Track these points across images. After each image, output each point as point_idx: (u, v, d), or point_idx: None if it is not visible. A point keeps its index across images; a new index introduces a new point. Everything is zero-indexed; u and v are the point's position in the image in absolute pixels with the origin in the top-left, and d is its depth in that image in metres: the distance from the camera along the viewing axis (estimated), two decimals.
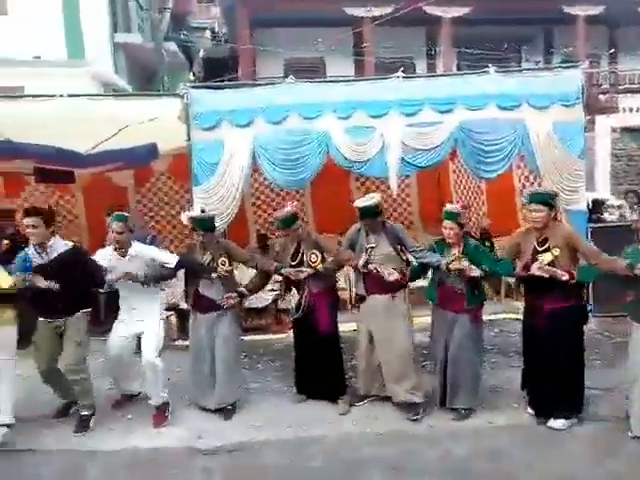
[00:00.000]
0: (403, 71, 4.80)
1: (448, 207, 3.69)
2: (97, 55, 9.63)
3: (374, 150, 4.52)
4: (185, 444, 3.38)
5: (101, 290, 4.17)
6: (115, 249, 3.74)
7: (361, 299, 3.78)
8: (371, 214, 3.62)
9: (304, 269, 3.79)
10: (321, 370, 3.78)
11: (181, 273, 3.98)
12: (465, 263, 3.47)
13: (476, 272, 3.46)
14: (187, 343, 3.99)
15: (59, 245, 3.54)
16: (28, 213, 3.53)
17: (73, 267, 3.49)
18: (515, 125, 4.58)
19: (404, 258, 3.75)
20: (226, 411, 3.75)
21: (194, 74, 11.16)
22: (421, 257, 3.69)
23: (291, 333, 5.27)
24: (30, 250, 3.51)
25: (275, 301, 5.68)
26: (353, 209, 3.77)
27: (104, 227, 6.04)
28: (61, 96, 4.74)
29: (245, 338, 5.01)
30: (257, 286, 4.10)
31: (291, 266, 3.84)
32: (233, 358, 3.85)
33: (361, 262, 3.63)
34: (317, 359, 3.78)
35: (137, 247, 3.78)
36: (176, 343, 3.96)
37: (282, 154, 4.59)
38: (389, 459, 3.13)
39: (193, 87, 4.68)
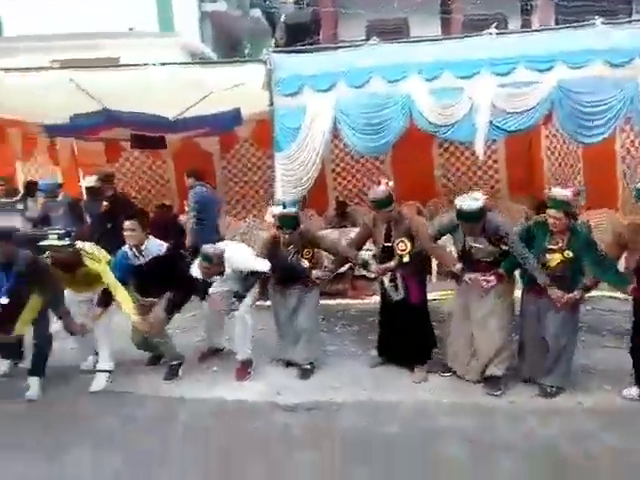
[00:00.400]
0: (496, 27, 4.48)
1: (556, 193, 3.26)
2: (185, 25, 9.94)
3: (461, 113, 4.31)
4: (266, 399, 3.55)
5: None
6: (131, 248, 3.79)
7: (458, 275, 3.63)
8: (474, 219, 3.36)
9: (389, 265, 3.71)
10: (405, 337, 3.75)
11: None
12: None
13: (576, 295, 3.28)
14: (268, 303, 4.14)
15: (153, 247, 3.80)
16: (128, 217, 3.82)
17: (166, 268, 3.77)
18: (623, 83, 4.13)
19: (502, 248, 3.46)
20: (305, 370, 3.88)
21: (276, 40, 11.17)
22: (520, 255, 3.35)
23: (367, 299, 5.38)
24: (128, 250, 3.79)
25: (352, 267, 5.70)
26: (433, 176, 3.63)
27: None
28: (153, 65, 4.94)
29: (323, 302, 5.12)
30: (338, 266, 4.22)
31: (383, 246, 3.78)
32: (313, 320, 3.97)
33: (458, 267, 3.52)
34: (402, 325, 3.75)
35: (232, 260, 3.76)
36: (258, 303, 4.13)
37: (363, 118, 4.50)
38: (466, 431, 3.08)
39: (275, 52, 4.68)
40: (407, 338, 3.75)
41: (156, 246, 3.82)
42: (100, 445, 3.04)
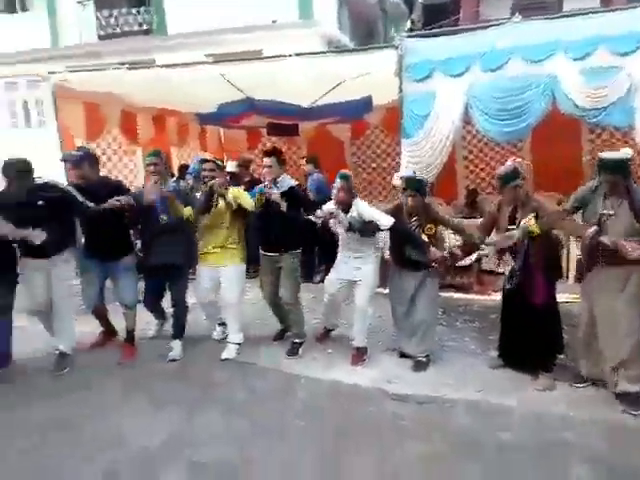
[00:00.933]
0: None
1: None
2: (324, 14, 10.16)
3: (616, 94, 3.81)
4: (378, 386, 3.58)
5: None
6: (338, 207, 3.82)
7: (586, 270, 3.31)
8: (620, 170, 3.06)
9: (512, 233, 3.42)
10: (529, 340, 3.47)
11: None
12: None
13: None
14: (386, 291, 4.14)
15: (287, 182, 4.02)
16: (267, 153, 4.08)
17: (295, 202, 3.96)
18: None
19: None
20: (419, 362, 3.83)
21: (413, 22, 10.87)
22: None
23: (493, 295, 5.09)
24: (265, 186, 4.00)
25: (479, 260, 5.43)
26: (581, 164, 3.26)
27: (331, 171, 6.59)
28: (289, 56, 5.17)
29: (445, 295, 4.98)
30: (465, 253, 3.93)
31: (507, 229, 3.51)
32: (432, 311, 3.89)
33: (590, 232, 3.11)
34: (527, 328, 3.47)
35: (360, 205, 3.86)
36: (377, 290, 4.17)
37: (498, 104, 4.22)
38: (594, 451, 2.78)
39: (408, 37, 4.58)
40: (530, 341, 3.46)
41: (289, 181, 4.05)
42: (226, 411, 3.33)
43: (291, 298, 4.08)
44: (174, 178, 7.21)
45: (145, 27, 11.03)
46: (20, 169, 3.69)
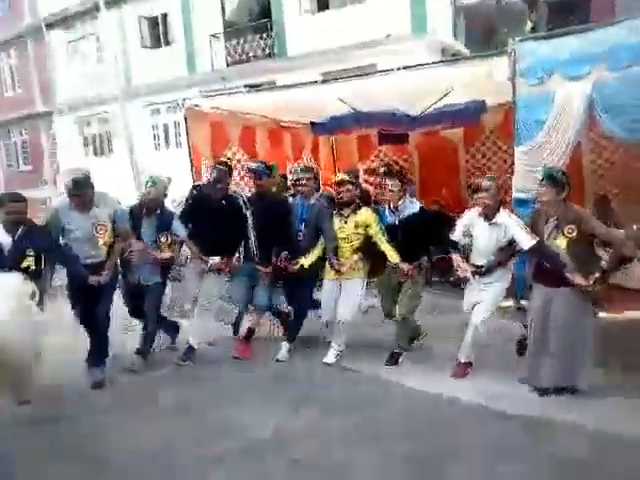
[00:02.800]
0: None
1: None
2: (438, 23, 10.07)
3: None
4: (478, 401, 3.43)
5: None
6: (481, 214, 3.67)
7: None
8: None
9: None
10: None
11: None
12: None
13: None
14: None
15: (408, 206, 4.02)
16: (390, 174, 4.13)
17: (419, 227, 3.97)
18: None
19: None
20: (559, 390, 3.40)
21: (533, 23, 10.29)
22: None
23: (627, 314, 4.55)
24: (386, 209, 4.11)
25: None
26: None
27: (435, 182, 6.54)
28: (398, 69, 5.24)
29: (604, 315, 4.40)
30: (615, 265, 3.38)
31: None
32: (574, 336, 3.35)
33: None
34: None
35: (504, 216, 3.61)
36: None
37: (631, 105, 3.86)
38: None
39: (522, 40, 4.39)
40: None
41: (410, 204, 4.07)
42: (325, 413, 3.45)
43: (405, 312, 4.05)
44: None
45: (268, 51, 11.85)
46: (220, 173, 4.36)
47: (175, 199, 5.96)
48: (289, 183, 5.62)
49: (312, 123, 7.33)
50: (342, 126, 7.10)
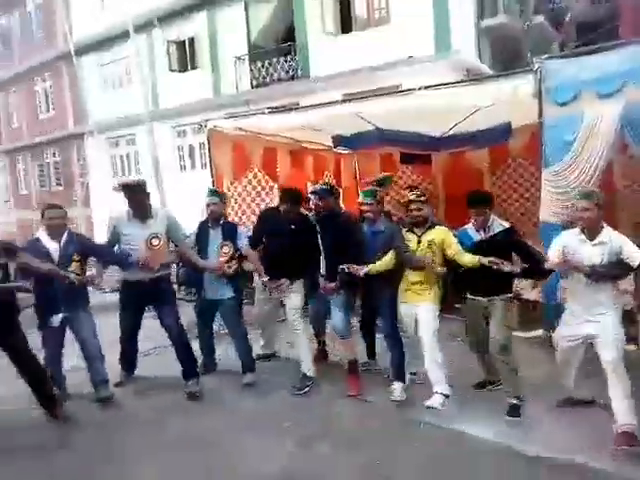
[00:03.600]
0: None
1: None
2: (462, 45, 10.01)
3: None
4: (507, 442, 3.22)
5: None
6: (583, 230, 3.24)
7: None
8: None
9: None
10: None
11: None
12: None
13: None
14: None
15: (495, 225, 3.77)
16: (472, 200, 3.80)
17: (506, 246, 3.68)
18: None
19: None
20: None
21: (561, 44, 10.13)
22: None
23: None
24: (470, 229, 3.81)
25: None
26: None
27: (459, 205, 6.36)
28: (419, 89, 5.16)
29: None
30: None
31: None
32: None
33: None
34: None
35: (610, 232, 3.20)
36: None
37: None
38: None
39: (548, 58, 4.27)
40: None
41: (497, 223, 3.78)
42: (338, 445, 3.30)
43: (503, 348, 3.56)
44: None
45: (291, 73, 11.96)
46: (292, 197, 4.32)
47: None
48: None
49: (334, 138, 7.29)
50: (364, 144, 7.04)
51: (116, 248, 4.34)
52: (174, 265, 5.20)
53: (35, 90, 20.01)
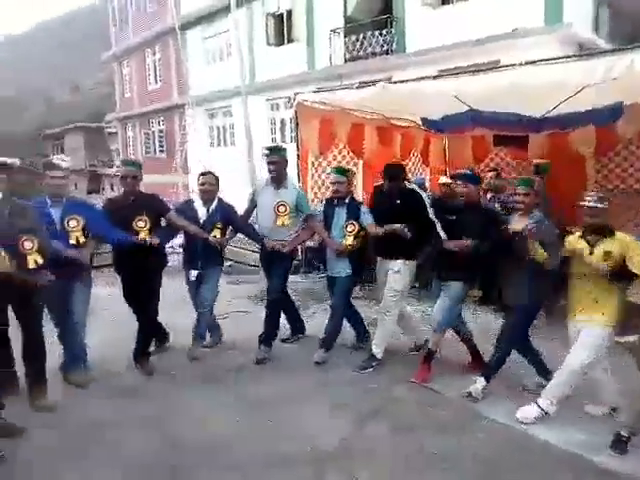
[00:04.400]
0: None
1: None
2: (576, 15, 9.08)
3: None
4: (576, 451, 2.99)
5: None
6: None
7: None
8: None
9: None
10: None
11: None
12: None
13: None
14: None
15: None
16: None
17: None
18: None
19: None
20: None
21: None
22: None
23: None
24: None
25: None
26: None
27: (555, 191, 5.89)
28: (520, 65, 4.76)
29: None
30: None
31: None
32: None
33: None
34: None
35: None
36: None
37: None
38: None
39: None
40: None
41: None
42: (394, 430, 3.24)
43: None
44: None
45: (386, 47, 11.64)
46: (392, 172, 4.32)
47: None
48: None
49: (424, 120, 7.01)
50: (456, 125, 6.68)
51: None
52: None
53: (146, 62, 21.38)
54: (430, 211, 4.12)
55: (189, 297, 4.69)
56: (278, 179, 4.53)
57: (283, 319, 4.86)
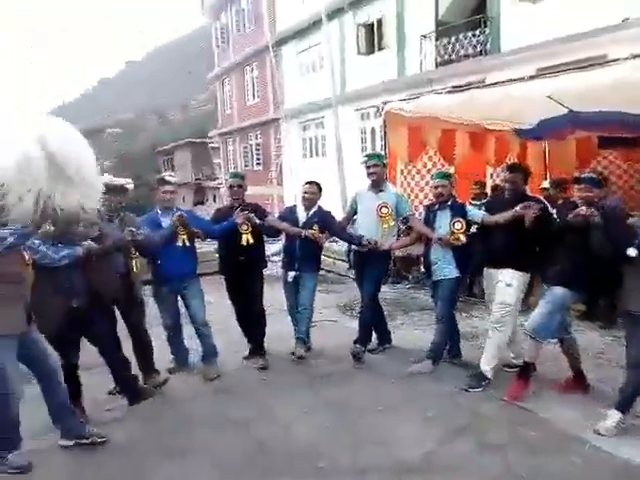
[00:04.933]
0: None
1: None
2: None
3: None
4: None
5: None
6: None
7: None
8: None
9: None
10: None
11: None
12: None
13: None
14: None
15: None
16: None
17: None
18: None
19: None
20: None
21: None
22: None
23: None
24: None
25: None
26: None
27: None
28: (626, 59, 4.38)
29: None
30: None
31: None
32: None
33: None
34: None
35: None
36: None
37: None
38: None
39: None
40: None
41: None
42: (481, 449, 3.12)
43: None
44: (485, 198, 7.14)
45: (479, 48, 11.24)
46: (516, 174, 4.19)
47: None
48: None
49: (517, 131, 6.69)
50: (554, 129, 6.26)
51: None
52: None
53: (245, 80, 22.62)
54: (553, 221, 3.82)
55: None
56: (377, 183, 4.71)
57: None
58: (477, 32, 11.25)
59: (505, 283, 3.99)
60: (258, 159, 22.22)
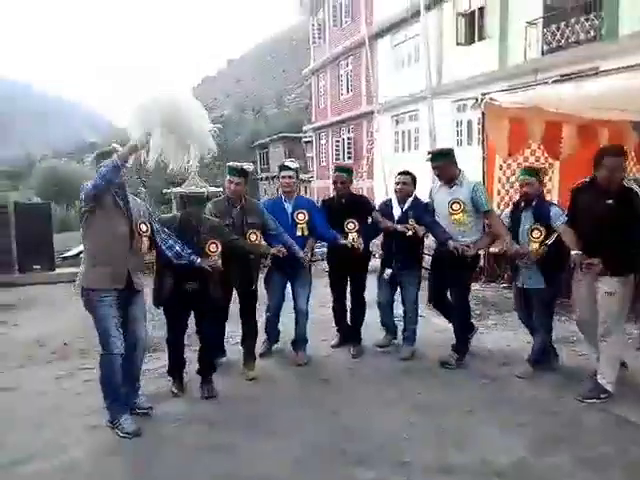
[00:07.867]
0: None
1: None
2: None
3: None
4: None
5: None
6: None
7: None
8: None
9: None
10: None
11: None
12: None
13: None
14: None
15: None
16: None
17: None
18: None
19: None
20: None
21: None
22: None
23: None
24: None
25: None
26: None
27: None
28: None
29: None
30: None
31: None
32: None
33: None
34: None
35: None
36: None
37: None
38: None
39: None
40: None
41: None
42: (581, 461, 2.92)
43: None
44: None
45: (593, 34, 10.34)
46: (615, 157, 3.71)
47: None
48: None
49: (636, 125, 6.06)
50: None
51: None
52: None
53: (339, 74, 22.78)
54: None
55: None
56: (445, 180, 4.46)
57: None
58: (591, 16, 10.36)
59: (607, 292, 3.59)
60: (349, 153, 22.32)
